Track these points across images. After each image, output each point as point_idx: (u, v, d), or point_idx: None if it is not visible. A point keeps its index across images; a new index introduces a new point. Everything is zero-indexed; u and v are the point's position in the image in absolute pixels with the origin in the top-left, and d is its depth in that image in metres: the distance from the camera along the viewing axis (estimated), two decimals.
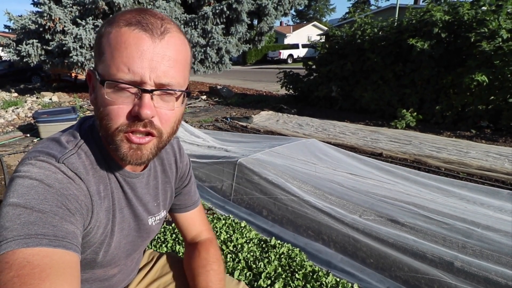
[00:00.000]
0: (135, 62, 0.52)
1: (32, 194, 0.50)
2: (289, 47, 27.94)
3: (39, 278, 0.44)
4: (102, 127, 0.57)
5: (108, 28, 0.55)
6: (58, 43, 8.16)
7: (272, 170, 2.59)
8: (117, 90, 0.54)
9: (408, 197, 2.30)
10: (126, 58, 0.52)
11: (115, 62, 0.52)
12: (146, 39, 0.53)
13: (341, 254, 1.84)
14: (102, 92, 0.55)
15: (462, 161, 3.48)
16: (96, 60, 0.57)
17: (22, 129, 5.50)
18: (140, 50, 0.52)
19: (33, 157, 0.55)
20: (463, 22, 5.12)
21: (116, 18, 0.56)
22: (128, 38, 0.52)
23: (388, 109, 5.97)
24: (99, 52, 0.56)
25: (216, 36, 8.83)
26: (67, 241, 0.49)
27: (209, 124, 5.77)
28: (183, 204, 0.88)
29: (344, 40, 6.86)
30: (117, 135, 0.56)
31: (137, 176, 0.70)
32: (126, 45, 0.52)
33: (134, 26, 0.53)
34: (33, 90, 10.39)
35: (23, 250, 0.45)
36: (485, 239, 1.77)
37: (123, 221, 0.69)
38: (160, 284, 0.90)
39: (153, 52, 0.53)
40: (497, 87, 4.78)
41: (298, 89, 7.94)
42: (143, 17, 0.54)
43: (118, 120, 0.55)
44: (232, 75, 15.79)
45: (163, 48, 0.54)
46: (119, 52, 0.52)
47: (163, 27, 0.54)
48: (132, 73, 0.52)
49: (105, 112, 0.55)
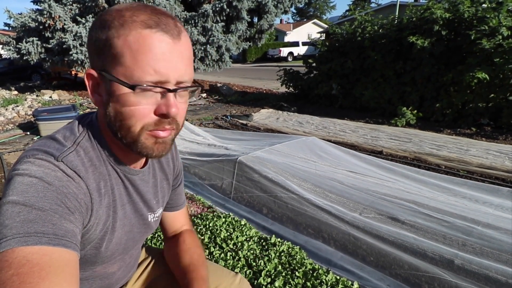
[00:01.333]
0: (160, 64, 0.54)
1: (31, 192, 0.50)
2: (289, 45, 27.87)
3: (38, 277, 0.44)
4: (124, 128, 0.58)
5: (123, 30, 0.54)
6: (58, 41, 8.14)
7: (272, 168, 2.59)
8: (143, 92, 0.55)
9: (408, 195, 2.30)
10: (152, 61, 0.53)
11: (140, 65, 0.53)
12: (168, 40, 0.54)
13: (341, 252, 1.84)
14: (125, 94, 0.55)
15: (462, 159, 3.48)
16: (106, 62, 0.56)
17: (22, 127, 5.50)
18: (164, 52, 0.54)
19: (31, 155, 0.55)
20: (463, 20, 5.10)
21: (127, 18, 0.54)
22: (151, 41, 0.53)
23: (388, 107, 5.96)
24: (113, 54, 0.55)
25: (216, 34, 8.80)
26: (67, 240, 0.49)
27: (209, 122, 5.77)
28: (174, 203, 0.90)
29: (344, 38, 6.85)
30: (142, 134, 0.58)
31: (137, 173, 0.70)
32: (150, 47, 0.53)
33: (154, 28, 0.54)
34: (33, 88, 10.37)
35: (22, 248, 0.45)
36: (485, 237, 1.77)
37: (125, 217, 0.69)
38: (158, 279, 0.90)
39: (174, 52, 0.55)
40: (498, 85, 4.77)
41: (298, 87, 7.93)
42: (159, 18, 0.55)
43: (144, 120, 0.57)
44: (232, 73, 15.76)
45: (181, 47, 0.56)
46: (144, 55, 0.53)
47: (177, 27, 0.56)
48: (158, 74, 0.54)
49: (129, 113, 0.57)
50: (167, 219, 0.91)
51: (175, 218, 0.91)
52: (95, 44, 0.57)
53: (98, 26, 0.57)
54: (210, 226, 2.06)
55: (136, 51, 0.53)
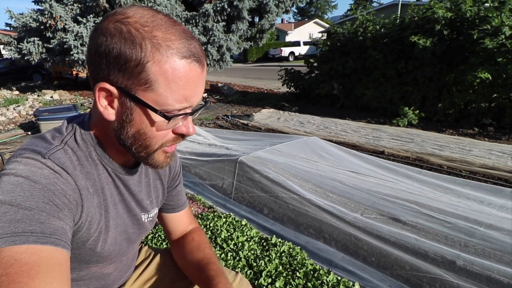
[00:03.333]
0: (190, 92, 0.56)
1: (17, 191, 0.49)
2: (290, 45, 27.83)
3: (27, 276, 0.43)
4: (142, 146, 0.60)
5: (159, 56, 0.52)
6: (59, 41, 8.15)
7: (273, 168, 2.58)
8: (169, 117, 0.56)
9: (410, 195, 2.28)
10: (183, 90, 0.55)
11: (174, 94, 0.55)
12: (199, 70, 0.56)
13: (342, 253, 1.83)
14: (151, 117, 0.57)
15: (465, 159, 3.46)
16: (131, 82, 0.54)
17: (23, 127, 5.51)
18: (195, 81, 0.56)
19: (18, 155, 0.55)
20: (465, 19, 5.08)
21: (162, 44, 0.52)
22: (187, 72, 0.54)
23: (390, 107, 5.94)
24: (143, 78, 0.53)
25: (217, 33, 8.79)
26: (56, 238, 0.49)
27: (210, 122, 5.76)
28: (175, 204, 0.89)
29: (346, 38, 6.82)
30: (158, 151, 0.61)
31: (129, 173, 0.70)
32: (186, 79, 0.54)
33: (189, 59, 0.54)
34: (34, 88, 10.38)
35: (10, 248, 0.45)
36: (487, 238, 1.75)
37: (118, 217, 0.69)
38: (157, 281, 0.90)
39: (201, 80, 0.58)
40: (500, 85, 4.74)
41: (300, 86, 7.92)
42: (191, 44, 0.55)
43: (164, 139, 0.60)
44: (233, 73, 15.75)
45: (205, 73, 0.59)
46: (178, 85, 0.54)
47: (203, 52, 0.58)
48: (187, 102, 0.56)
49: (153, 135, 0.59)
50: (171, 221, 0.90)
51: (179, 220, 0.90)
52: (116, 59, 0.53)
53: (118, 38, 0.52)
54: (210, 226, 2.05)
55: (172, 80, 0.54)
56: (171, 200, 0.87)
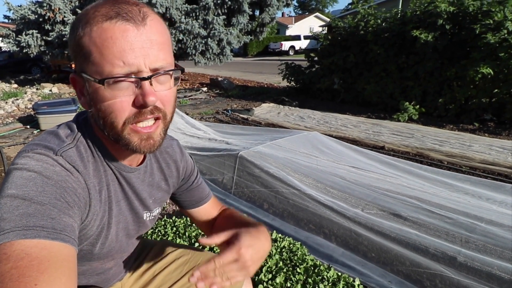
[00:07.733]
0: (128, 54, 0.52)
1: (30, 186, 0.50)
2: (290, 39, 27.67)
3: (37, 271, 0.43)
4: (107, 125, 0.57)
5: (87, 27, 0.54)
6: (58, 33, 8.09)
7: (274, 163, 2.57)
8: (116, 85, 0.54)
9: (410, 190, 2.28)
10: (118, 53, 0.52)
11: (107, 59, 0.52)
12: (131, 28, 0.53)
13: (343, 248, 1.83)
14: (100, 91, 0.55)
15: (465, 155, 3.45)
16: (81, 63, 0.56)
17: (22, 121, 5.49)
18: (129, 41, 0.52)
19: (30, 149, 0.55)
20: (468, 14, 5.03)
21: (90, 15, 0.54)
22: (113, 32, 0.52)
23: (391, 101, 5.92)
24: (84, 54, 0.54)
25: (218, 27, 8.72)
26: (65, 234, 0.49)
27: (210, 116, 5.74)
28: (198, 198, 0.88)
29: (347, 32, 6.77)
30: (125, 129, 0.57)
31: (133, 171, 0.70)
32: (113, 39, 0.52)
33: (115, 19, 0.52)
34: (33, 81, 10.33)
35: (21, 241, 0.45)
36: (488, 234, 1.75)
37: (120, 213, 0.69)
38: (154, 271, 0.92)
39: (140, 39, 0.53)
40: (502, 80, 4.72)
41: (300, 81, 7.88)
42: (120, 7, 0.53)
43: (124, 114, 0.56)
44: (233, 67, 15.67)
45: (149, 33, 0.54)
46: (109, 49, 0.52)
47: (141, 13, 0.54)
48: (128, 65, 0.53)
49: (108, 109, 0.56)
50: (201, 215, 0.89)
51: (207, 211, 0.89)
52: (72, 48, 0.57)
53: (71, 30, 0.57)
54: None
55: (101, 45, 0.52)
56: (192, 195, 0.87)
